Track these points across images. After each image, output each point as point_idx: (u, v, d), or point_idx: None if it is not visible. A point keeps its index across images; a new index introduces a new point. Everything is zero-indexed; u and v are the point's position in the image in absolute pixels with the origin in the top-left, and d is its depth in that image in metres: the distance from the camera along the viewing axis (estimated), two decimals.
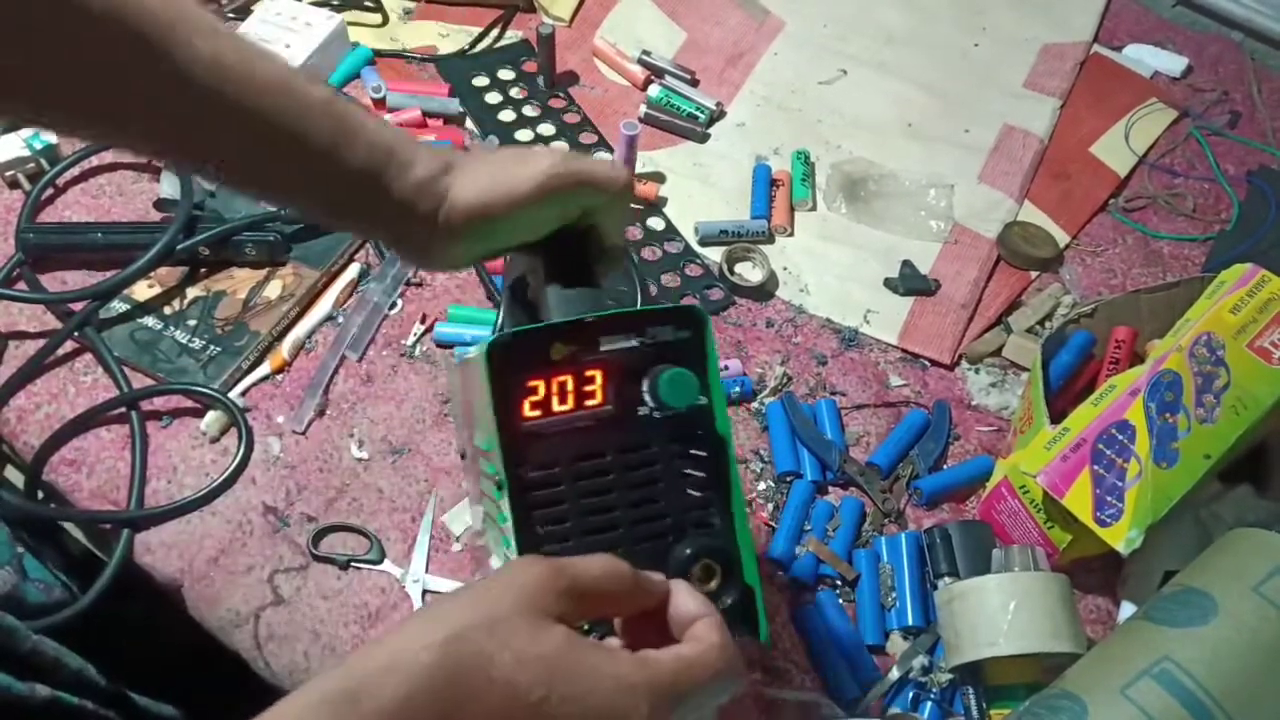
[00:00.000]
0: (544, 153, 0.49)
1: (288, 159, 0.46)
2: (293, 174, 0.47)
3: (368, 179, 0.47)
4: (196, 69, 0.42)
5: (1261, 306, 0.70)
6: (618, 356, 0.46)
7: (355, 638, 0.66)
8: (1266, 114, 1.06)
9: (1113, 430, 0.65)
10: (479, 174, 0.49)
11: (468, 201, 0.49)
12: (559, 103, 0.99)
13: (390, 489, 0.73)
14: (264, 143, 0.45)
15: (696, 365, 0.47)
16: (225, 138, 0.45)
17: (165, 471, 0.72)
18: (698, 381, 0.45)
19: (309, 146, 0.46)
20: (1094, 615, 0.71)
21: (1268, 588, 0.56)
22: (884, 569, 0.71)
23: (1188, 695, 0.52)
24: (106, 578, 0.67)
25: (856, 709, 0.65)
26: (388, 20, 1.04)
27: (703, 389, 0.47)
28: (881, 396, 0.81)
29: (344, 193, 0.48)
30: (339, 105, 0.47)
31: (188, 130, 0.45)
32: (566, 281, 0.50)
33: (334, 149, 0.46)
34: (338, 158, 0.46)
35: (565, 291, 0.50)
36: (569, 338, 0.46)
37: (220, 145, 0.46)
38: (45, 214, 0.85)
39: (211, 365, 0.76)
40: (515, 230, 0.50)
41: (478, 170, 0.49)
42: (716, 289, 0.87)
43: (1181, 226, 0.96)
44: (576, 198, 0.50)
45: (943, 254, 0.91)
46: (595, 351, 0.46)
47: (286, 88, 0.45)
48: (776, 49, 1.07)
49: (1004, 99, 1.04)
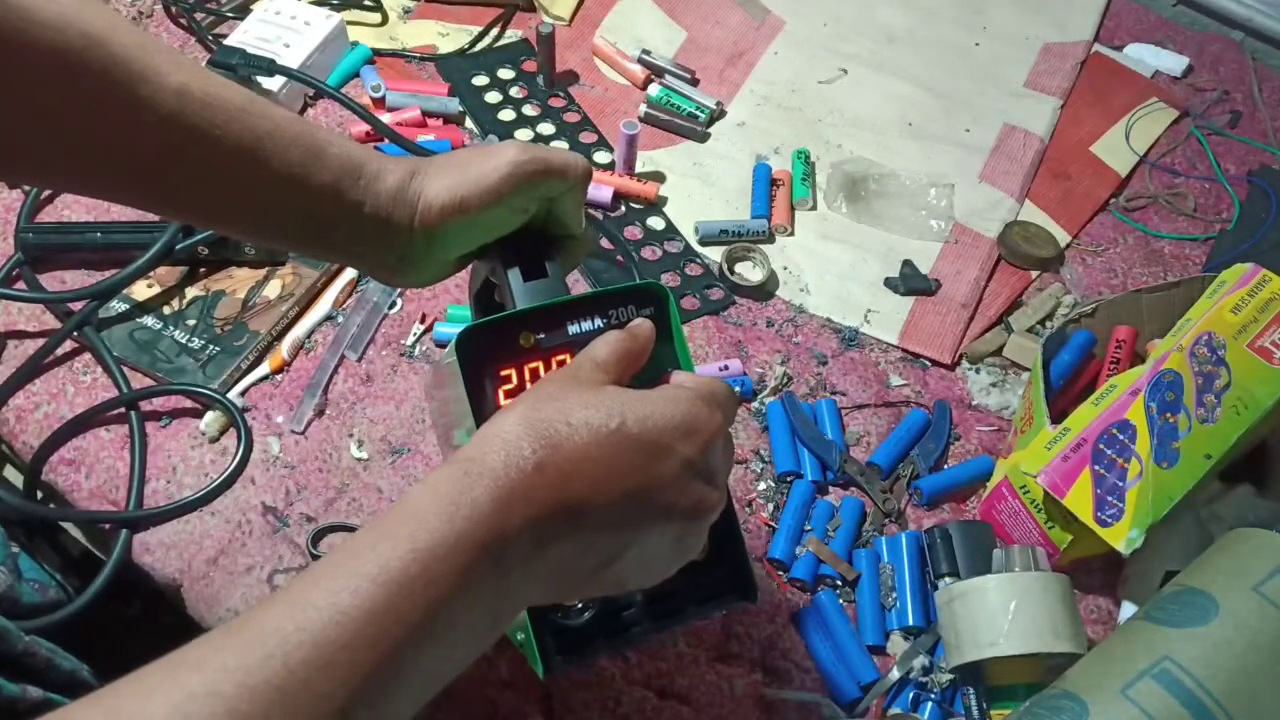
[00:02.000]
0: (506, 144, 0.51)
1: (260, 185, 0.47)
2: (267, 200, 0.48)
3: (340, 194, 0.48)
4: (164, 98, 0.44)
5: (1262, 306, 0.70)
6: (585, 338, 0.47)
7: None
8: (1267, 113, 1.06)
9: (1113, 430, 0.65)
10: (447, 172, 0.50)
11: (441, 200, 0.50)
12: (559, 102, 0.99)
13: (390, 489, 0.73)
14: (234, 169, 0.46)
15: (663, 341, 0.48)
16: (196, 170, 0.46)
17: (165, 471, 0.72)
18: (664, 357, 0.48)
19: (279, 169, 0.47)
20: (1094, 615, 0.71)
21: (1268, 588, 0.56)
22: (884, 569, 0.71)
23: (1188, 695, 0.52)
24: (103, 579, 0.67)
25: (856, 709, 0.65)
26: (387, 19, 1.04)
27: (670, 361, 0.50)
28: (882, 396, 0.81)
29: (319, 210, 0.49)
30: (303, 125, 0.48)
31: (158, 167, 0.46)
32: (528, 275, 0.51)
33: (304, 168, 0.47)
34: (309, 176, 0.47)
35: (528, 284, 0.51)
36: (536, 325, 0.47)
37: (192, 182, 0.46)
38: (44, 213, 0.85)
39: (211, 365, 0.76)
40: (489, 225, 0.52)
41: (445, 169, 0.50)
42: (716, 289, 0.87)
43: (1182, 226, 0.96)
44: (542, 187, 0.51)
45: (943, 253, 0.91)
46: (564, 336, 0.48)
47: (249, 111, 0.46)
48: (776, 48, 1.07)
49: (1004, 98, 1.04)
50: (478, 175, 0.49)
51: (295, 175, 0.47)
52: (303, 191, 0.48)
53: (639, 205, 0.92)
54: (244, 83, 0.86)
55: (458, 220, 0.50)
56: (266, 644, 0.32)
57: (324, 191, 0.48)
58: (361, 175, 0.49)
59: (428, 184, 0.50)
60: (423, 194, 0.50)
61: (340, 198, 0.49)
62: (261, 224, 0.50)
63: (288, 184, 0.47)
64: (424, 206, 0.50)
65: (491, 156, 0.50)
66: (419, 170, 0.51)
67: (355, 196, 0.49)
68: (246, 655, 0.32)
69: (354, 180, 0.49)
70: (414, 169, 0.51)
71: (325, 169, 0.48)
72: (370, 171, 0.49)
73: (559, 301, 0.48)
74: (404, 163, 0.51)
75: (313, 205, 0.48)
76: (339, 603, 0.33)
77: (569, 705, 0.64)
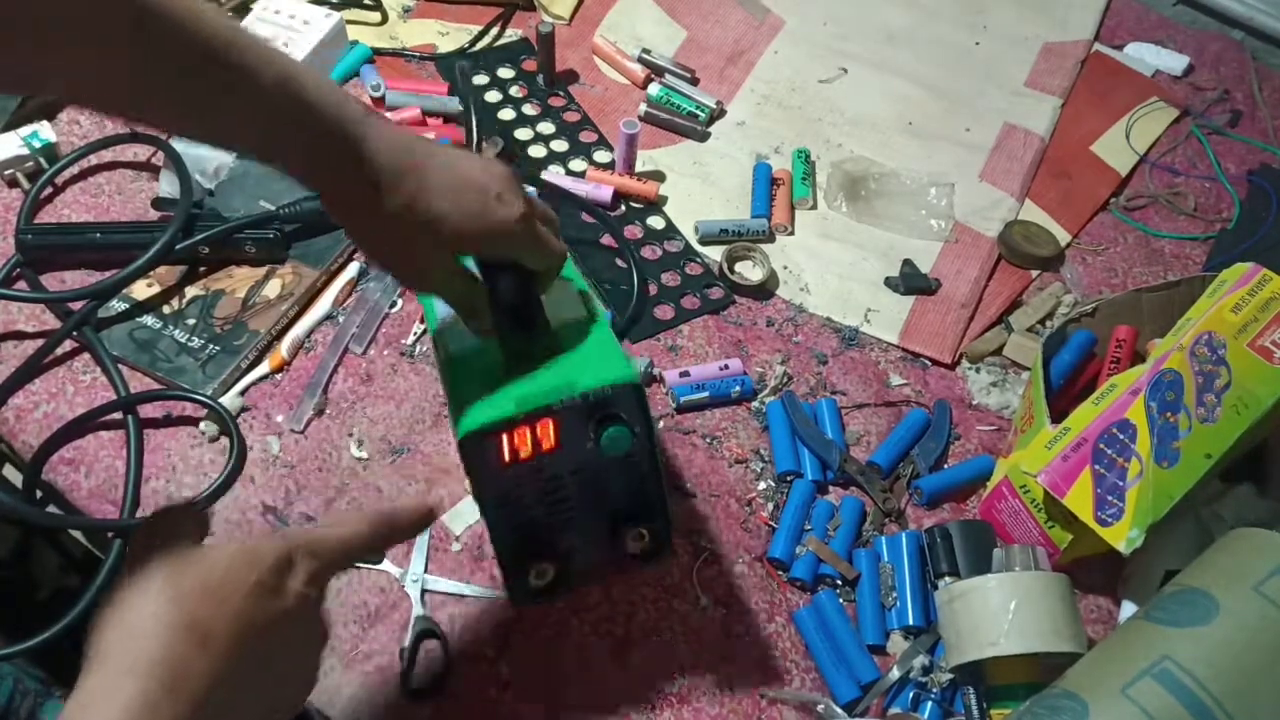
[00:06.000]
0: (514, 196, 0.51)
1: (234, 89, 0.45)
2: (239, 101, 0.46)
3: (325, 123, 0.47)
4: None
5: (1262, 306, 0.70)
6: (560, 411, 0.52)
7: (355, 637, 0.66)
8: (1267, 113, 1.06)
9: (1114, 430, 0.65)
10: (444, 185, 0.50)
11: (449, 221, 0.50)
12: (559, 101, 0.99)
13: (390, 488, 0.73)
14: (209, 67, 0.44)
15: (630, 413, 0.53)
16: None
17: (164, 471, 0.72)
18: (629, 433, 0.53)
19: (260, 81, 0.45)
20: (1094, 615, 0.71)
21: (1268, 587, 0.56)
22: (884, 568, 0.71)
23: (1188, 695, 0.52)
24: (96, 587, 0.66)
25: (856, 709, 0.65)
26: (387, 19, 1.04)
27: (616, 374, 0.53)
28: (882, 396, 0.81)
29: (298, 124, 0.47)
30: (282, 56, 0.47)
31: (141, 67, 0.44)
32: (517, 326, 0.55)
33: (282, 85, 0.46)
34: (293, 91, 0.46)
35: (519, 336, 0.55)
36: (526, 419, 0.51)
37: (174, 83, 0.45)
38: (44, 213, 0.85)
39: (210, 364, 0.76)
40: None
41: (441, 180, 0.50)
42: (716, 288, 0.87)
43: (1182, 225, 0.96)
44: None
45: (943, 253, 0.91)
46: (546, 411, 0.52)
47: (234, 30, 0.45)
48: (777, 47, 1.07)
49: (1005, 97, 1.04)
50: (486, 217, 0.50)
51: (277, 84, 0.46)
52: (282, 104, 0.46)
53: (639, 204, 0.92)
54: None
55: (453, 244, 0.52)
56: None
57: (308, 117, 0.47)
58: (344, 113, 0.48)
59: (429, 195, 0.50)
60: (418, 200, 0.50)
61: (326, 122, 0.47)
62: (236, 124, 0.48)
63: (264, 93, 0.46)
64: (423, 212, 0.50)
65: (504, 204, 0.51)
66: (416, 169, 0.50)
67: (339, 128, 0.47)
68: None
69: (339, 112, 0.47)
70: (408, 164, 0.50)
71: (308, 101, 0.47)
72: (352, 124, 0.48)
73: (547, 405, 0.51)
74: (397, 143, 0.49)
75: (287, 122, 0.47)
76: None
77: (570, 710, 0.64)
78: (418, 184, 0.49)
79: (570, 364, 0.54)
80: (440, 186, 0.50)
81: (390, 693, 0.64)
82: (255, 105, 0.45)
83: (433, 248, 0.51)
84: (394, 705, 0.64)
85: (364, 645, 0.66)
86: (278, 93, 0.45)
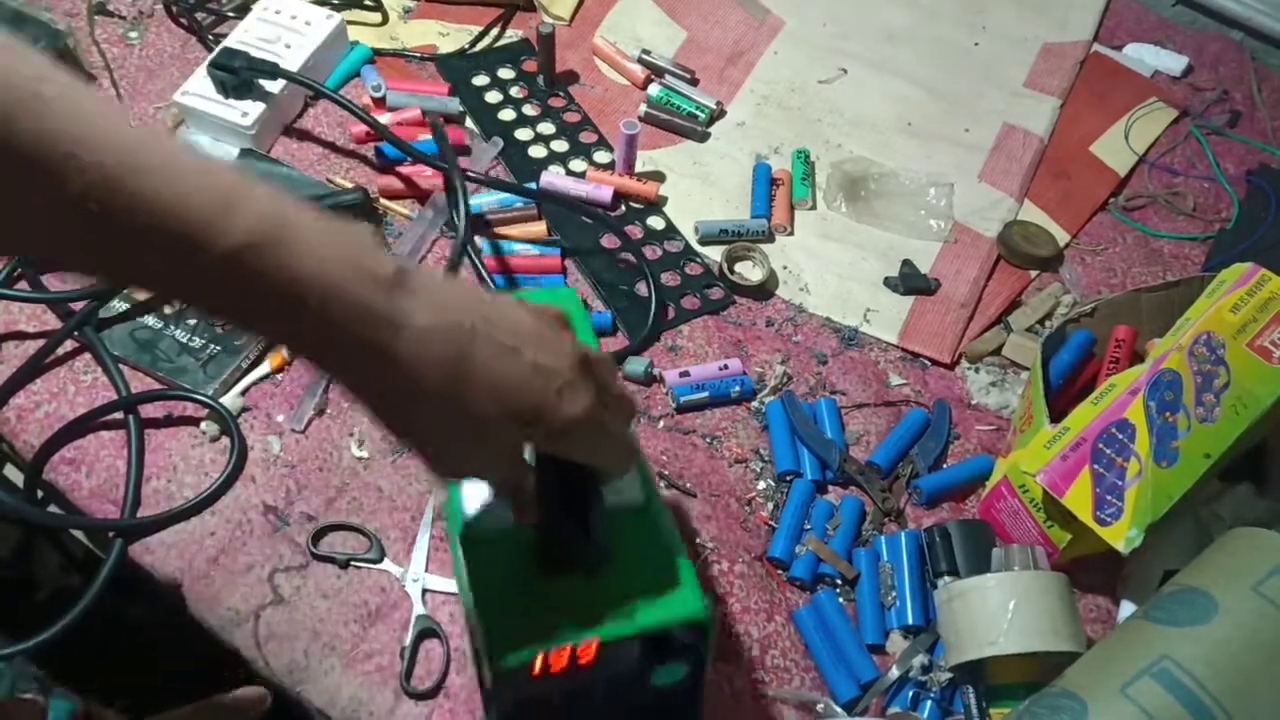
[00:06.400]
0: (583, 388, 0.42)
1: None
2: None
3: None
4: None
5: (1261, 306, 0.70)
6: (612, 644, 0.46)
7: (355, 636, 0.66)
8: (1266, 113, 1.06)
9: (1113, 429, 0.65)
10: (498, 375, 0.40)
11: (497, 421, 0.40)
12: (559, 102, 0.99)
13: (390, 488, 0.73)
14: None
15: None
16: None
17: (165, 470, 0.72)
18: (684, 669, 0.48)
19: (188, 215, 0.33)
20: (1094, 614, 0.71)
21: (1268, 587, 0.56)
22: (884, 568, 0.71)
23: (1187, 694, 0.52)
24: (96, 589, 0.67)
25: (856, 708, 0.65)
26: (387, 19, 1.04)
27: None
28: (881, 396, 0.81)
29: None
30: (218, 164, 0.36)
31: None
32: (564, 530, 0.46)
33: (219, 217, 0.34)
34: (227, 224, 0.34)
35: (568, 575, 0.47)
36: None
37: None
38: None
39: (211, 364, 0.76)
40: None
41: (494, 371, 0.40)
42: (716, 288, 0.87)
43: (1181, 225, 0.96)
44: None
45: (943, 253, 0.91)
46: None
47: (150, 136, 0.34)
48: (776, 48, 1.07)
49: (1004, 98, 1.04)
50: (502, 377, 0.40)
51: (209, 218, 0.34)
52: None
53: (639, 205, 0.92)
54: (245, 86, 0.87)
55: None
56: None
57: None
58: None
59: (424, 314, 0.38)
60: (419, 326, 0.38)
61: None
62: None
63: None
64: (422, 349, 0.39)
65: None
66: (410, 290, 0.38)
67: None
68: None
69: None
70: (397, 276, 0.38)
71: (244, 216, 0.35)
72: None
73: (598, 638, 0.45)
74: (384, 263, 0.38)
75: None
76: None
77: None
78: (465, 372, 0.39)
79: (628, 580, 0.46)
80: (492, 376, 0.39)
81: (390, 692, 0.64)
82: (204, 281, 0.34)
83: (474, 442, 0.41)
84: (394, 705, 0.64)
85: (364, 645, 0.66)
86: (242, 264, 0.34)
